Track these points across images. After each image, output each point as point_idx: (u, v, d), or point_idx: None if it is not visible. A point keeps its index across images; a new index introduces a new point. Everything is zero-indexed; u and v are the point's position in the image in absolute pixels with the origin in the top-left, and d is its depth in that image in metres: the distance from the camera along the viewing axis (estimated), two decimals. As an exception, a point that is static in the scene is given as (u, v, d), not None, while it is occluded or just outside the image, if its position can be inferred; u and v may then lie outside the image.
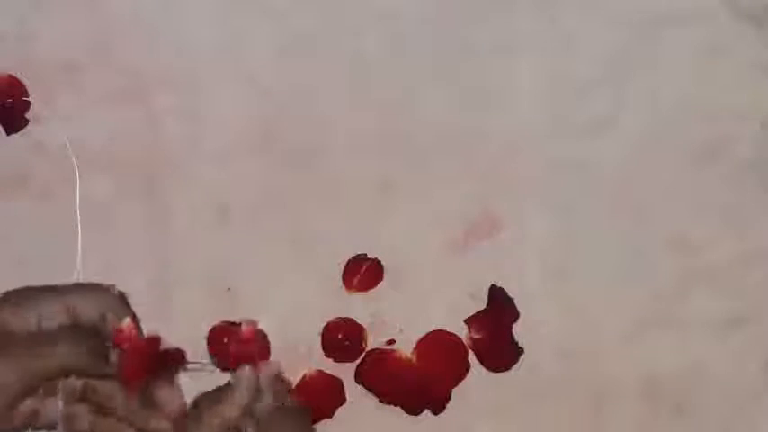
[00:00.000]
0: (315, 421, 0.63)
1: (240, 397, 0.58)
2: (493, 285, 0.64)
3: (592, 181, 0.66)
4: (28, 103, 0.65)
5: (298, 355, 0.63)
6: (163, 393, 0.57)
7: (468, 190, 0.66)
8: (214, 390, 0.60)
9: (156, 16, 0.67)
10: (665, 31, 0.67)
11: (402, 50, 0.67)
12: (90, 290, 0.58)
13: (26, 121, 0.65)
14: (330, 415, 0.63)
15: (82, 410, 0.57)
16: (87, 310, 0.57)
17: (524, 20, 0.67)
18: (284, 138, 0.66)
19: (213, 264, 0.65)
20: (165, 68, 0.66)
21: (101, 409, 0.57)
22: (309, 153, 0.66)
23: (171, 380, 0.58)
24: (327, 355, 0.63)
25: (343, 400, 0.63)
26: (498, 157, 0.66)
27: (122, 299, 0.59)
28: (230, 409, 0.58)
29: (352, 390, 0.63)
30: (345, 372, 0.63)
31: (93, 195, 0.64)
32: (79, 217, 0.63)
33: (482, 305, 0.64)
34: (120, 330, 0.57)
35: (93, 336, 0.57)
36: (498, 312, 0.64)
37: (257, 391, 0.58)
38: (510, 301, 0.64)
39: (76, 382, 0.57)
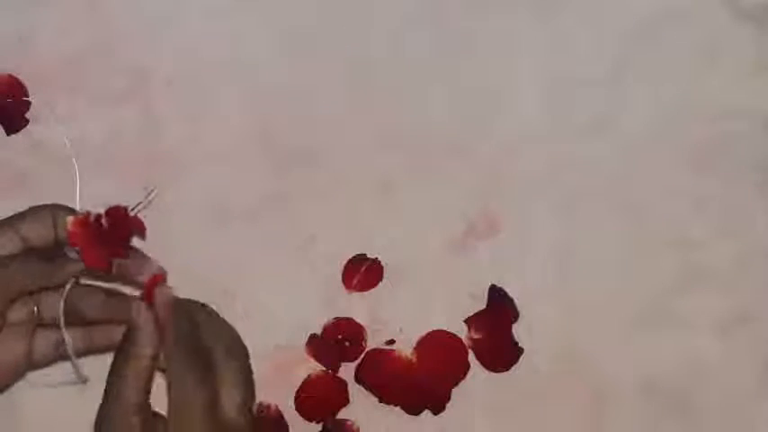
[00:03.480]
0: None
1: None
2: (493, 285, 0.64)
3: (592, 181, 0.66)
4: (28, 103, 0.65)
5: (298, 355, 0.63)
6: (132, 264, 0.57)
7: (468, 190, 0.66)
8: None
9: (156, 16, 0.67)
10: (664, 30, 0.67)
11: (402, 50, 0.67)
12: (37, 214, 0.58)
13: (26, 121, 0.66)
14: (333, 415, 0.63)
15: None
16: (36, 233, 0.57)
17: (524, 20, 0.67)
18: (284, 138, 0.66)
19: (213, 264, 0.65)
20: (165, 68, 0.66)
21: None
22: (309, 153, 0.66)
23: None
24: (327, 355, 0.64)
25: (346, 401, 0.63)
26: (498, 157, 0.66)
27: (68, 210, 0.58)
28: None
29: (353, 390, 0.63)
30: (345, 372, 0.63)
31: (94, 195, 0.64)
32: (79, 217, 0.62)
33: (482, 305, 0.64)
34: (72, 228, 0.56)
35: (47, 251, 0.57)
36: (498, 312, 0.64)
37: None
38: (510, 301, 0.64)
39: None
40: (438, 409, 0.63)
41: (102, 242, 0.56)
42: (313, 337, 0.64)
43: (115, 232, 0.56)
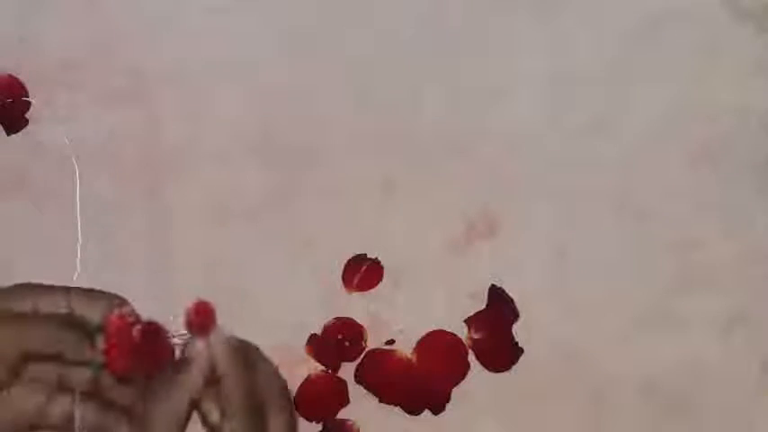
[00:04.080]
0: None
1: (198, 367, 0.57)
2: (493, 285, 0.65)
3: (592, 181, 0.66)
4: (28, 103, 0.65)
5: (298, 355, 0.63)
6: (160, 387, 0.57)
7: (468, 190, 0.66)
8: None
9: (155, 16, 0.67)
10: (664, 30, 0.67)
11: (402, 50, 0.67)
12: (94, 294, 0.58)
13: (26, 121, 0.65)
14: (333, 415, 0.63)
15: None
16: (85, 306, 0.58)
17: (524, 20, 0.67)
18: (284, 138, 0.66)
19: (213, 263, 0.65)
20: (165, 68, 0.66)
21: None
22: (309, 153, 0.66)
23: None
24: (327, 355, 0.64)
25: (346, 401, 0.63)
26: (498, 157, 0.66)
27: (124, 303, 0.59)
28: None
29: (353, 390, 0.63)
30: (345, 372, 0.63)
31: (93, 195, 0.64)
32: (79, 217, 0.63)
33: (482, 305, 0.64)
34: (112, 318, 0.57)
35: (82, 324, 0.57)
36: (498, 312, 0.64)
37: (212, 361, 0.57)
38: (510, 301, 0.64)
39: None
40: (438, 409, 0.63)
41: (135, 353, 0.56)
42: (313, 337, 0.64)
43: (151, 348, 0.57)
